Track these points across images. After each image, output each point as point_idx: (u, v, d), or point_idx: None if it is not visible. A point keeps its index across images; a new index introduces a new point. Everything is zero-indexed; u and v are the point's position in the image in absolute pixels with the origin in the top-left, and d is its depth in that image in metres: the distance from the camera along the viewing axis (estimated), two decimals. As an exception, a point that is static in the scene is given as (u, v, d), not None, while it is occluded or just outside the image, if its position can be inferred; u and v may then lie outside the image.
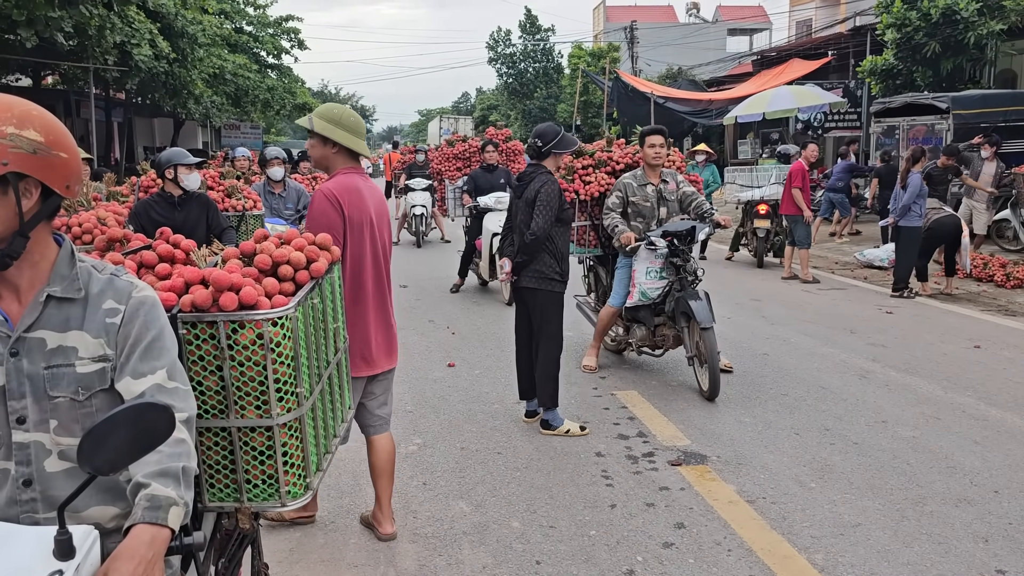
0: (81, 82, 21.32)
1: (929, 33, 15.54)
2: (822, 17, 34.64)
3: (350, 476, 4.48)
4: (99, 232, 3.66)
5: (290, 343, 1.98)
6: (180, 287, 1.97)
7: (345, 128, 3.37)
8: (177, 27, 20.28)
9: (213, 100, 25.80)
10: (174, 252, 2.22)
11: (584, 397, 5.78)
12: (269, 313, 1.93)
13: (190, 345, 1.94)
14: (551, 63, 47.74)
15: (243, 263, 2.14)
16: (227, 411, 1.97)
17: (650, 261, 5.83)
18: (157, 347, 1.63)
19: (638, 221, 6.00)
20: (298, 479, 2.06)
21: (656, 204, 6.00)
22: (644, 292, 5.87)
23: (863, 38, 20.62)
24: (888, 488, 4.21)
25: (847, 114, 21.08)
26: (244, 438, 2.00)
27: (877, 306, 9.04)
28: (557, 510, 4.03)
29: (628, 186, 6.02)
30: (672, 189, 6.06)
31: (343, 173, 3.43)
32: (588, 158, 6.77)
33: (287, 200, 7.28)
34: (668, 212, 6.02)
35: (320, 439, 2.22)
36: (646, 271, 5.84)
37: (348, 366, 2.62)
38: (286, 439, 2.01)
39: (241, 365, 1.94)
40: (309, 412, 2.10)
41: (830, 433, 5.00)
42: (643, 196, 6.00)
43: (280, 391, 1.97)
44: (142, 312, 1.64)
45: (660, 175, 6.03)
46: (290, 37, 31.88)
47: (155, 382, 1.60)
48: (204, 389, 1.96)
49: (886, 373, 6.30)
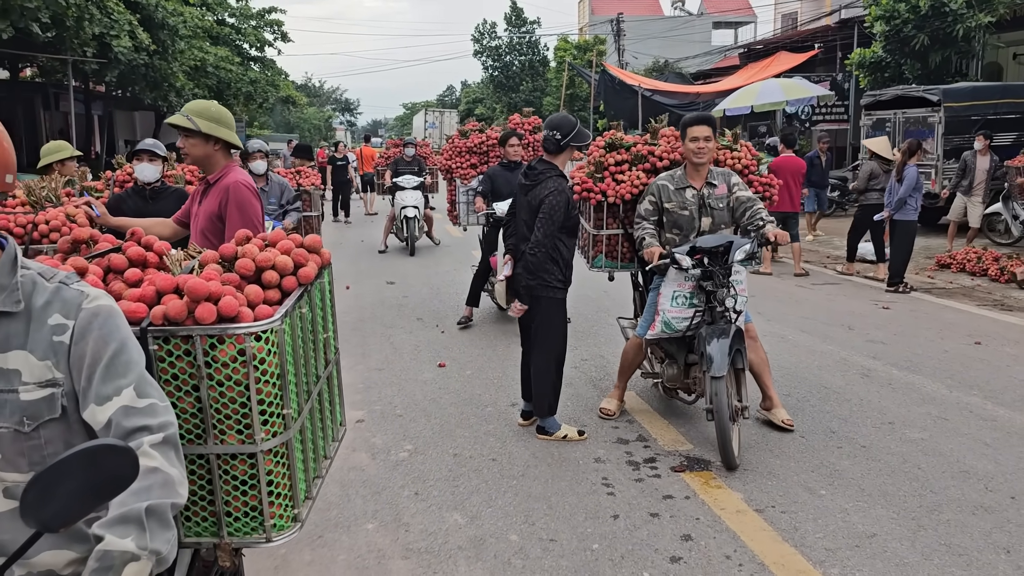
0: (60, 74, 20.89)
1: (918, 25, 15.45)
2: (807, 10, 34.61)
3: (338, 486, 4.26)
4: (67, 230, 3.43)
5: (276, 359, 1.76)
6: (151, 296, 1.75)
7: (226, 125, 3.41)
8: (157, 18, 19.88)
9: (195, 93, 25.31)
10: (146, 255, 2.00)
11: (580, 399, 5.59)
12: (252, 326, 1.72)
13: (162, 363, 1.72)
14: (537, 56, 47.47)
15: (223, 268, 1.92)
16: (205, 436, 1.75)
17: (678, 284, 4.63)
18: (119, 363, 1.41)
19: (674, 233, 4.83)
20: (285, 510, 1.85)
21: (697, 212, 4.77)
22: (668, 322, 4.67)
23: (850, 31, 20.56)
24: (901, 495, 4.04)
25: (835, 107, 21.03)
26: (224, 466, 1.78)
27: (873, 301, 8.91)
28: (557, 521, 3.84)
29: (663, 189, 4.84)
30: (721, 194, 4.78)
31: (234, 167, 3.51)
32: (624, 152, 5.45)
33: (270, 195, 7.04)
34: (714, 223, 4.77)
35: (309, 464, 2.01)
36: (672, 296, 4.66)
37: (340, 379, 2.40)
38: (271, 466, 1.80)
39: (220, 385, 1.72)
40: (297, 435, 1.89)
41: (836, 436, 4.84)
42: (680, 202, 4.79)
43: (264, 413, 1.76)
44: (95, 325, 1.41)
45: (707, 176, 4.80)
46: (273, 29, 31.41)
47: (122, 404, 1.38)
48: (179, 411, 1.74)
49: (888, 371, 6.15)
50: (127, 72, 19.89)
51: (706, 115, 4.89)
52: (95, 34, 16.66)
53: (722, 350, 4.28)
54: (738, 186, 4.81)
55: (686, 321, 4.63)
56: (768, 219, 4.61)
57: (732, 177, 4.86)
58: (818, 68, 22.94)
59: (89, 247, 2.08)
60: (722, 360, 4.26)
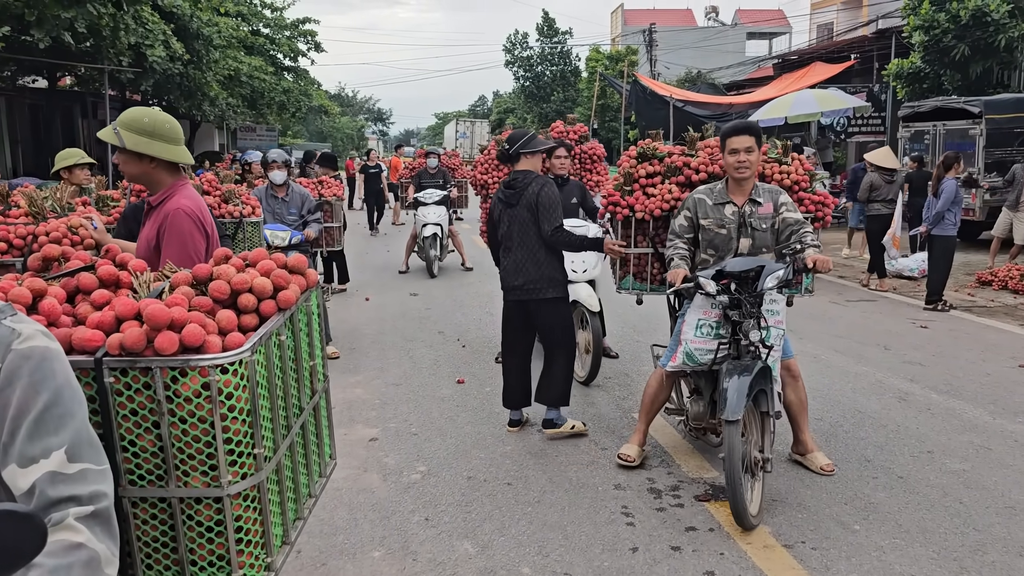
0: (97, 84, 21.15)
1: (958, 35, 15.07)
2: (844, 20, 34.12)
3: (346, 510, 4.10)
4: (68, 243, 3.32)
5: (246, 393, 1.59)
6: (110, 323, 1.59)
7: (162, 139, 2.87)
8: (192, 29, 20.05)
9: (229, 102, 25.55)
10: (118, 275, 1.85)
11: (600, 421, 5.38)
12: (218, 357, 1.55)
13: (120, 396, 1.56)
14: (568, 66, 47.34)
15: (196, 291, 1.76)
16: (166, 478, 1.59)
17: (703, 311, 4.11)
18: (50, 417, 1.21)
19: (708, 254, 4.32)
20: (256, 559, 1.68)
21: (735, 232, 4.26)
22: (690, 353, 4.14)
23: (888, 41, 20.14)
24: (942, 532, 3.78)
25: (871, 119, 20.58)
26: (188, 511, 1.62)
27: (910, 320, 8.58)
28: (572, 553, 3.64)
29: (699, 204, 4.33)
30: (766, 213, 4.25)
31: (181, 186, 2.97)
32: (657, 163, 4.98)
33: (290, 205, 6.93)
34: (754, 246, 4.25)
35: (287, 505, 1.84)
36: (696, 324, 4.13)
37: (329, 410, 2.23)
38: (240, 511, 1.63)
39: (183, 422, 1.56)
40: (272, 475, 1.72)
41: (871, 465, 4.58)
42: (718, 219, 4.28)
43: (233, 453, 1.59)
44: (25, 371, 1.21)
45: (751, 192, 4.29)
46: (307, 39, 31.62)
47: (49, 469, 1.18)
48: (138, 450, 1.58)
49: (927, 395, 5.86)
50: (162, 81, 20.09)
51: (748, 123, 4.37)
52: (131, 44, 16.81)
53: (740, 389, 3.74)
54: (786, 207, 4.27)
55: (710, 354, 4.07)
56: (812, 243, 4.09)
57: (781, 196, 4.32)
58: (854, 79, 22.50)
59: (60, 264, 1.93)
60: (738, 401, 3.71)
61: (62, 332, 1.59)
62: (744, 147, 4.14)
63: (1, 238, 3.36)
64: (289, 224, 6.95)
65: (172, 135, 2.89)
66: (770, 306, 4.07)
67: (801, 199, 4.85)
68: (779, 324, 4.12)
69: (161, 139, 2.86)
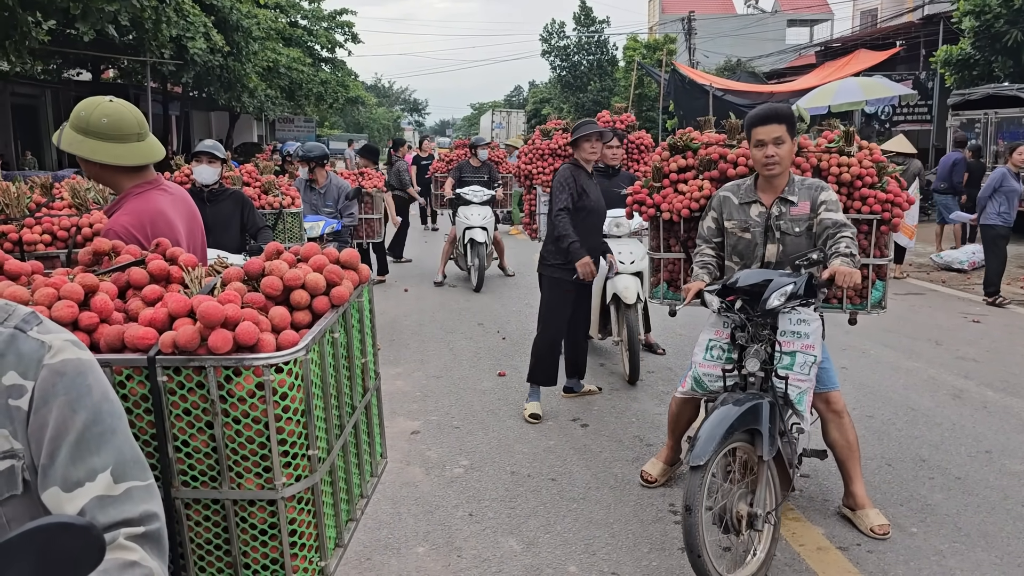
0: (139, 76, 21.43)
1: (1011, 21, 14.60)
2: (888, 6, 33.34)
3: (390, 503, 4.07)
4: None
5: (300, 393, 1.55)
6: (162, 320, 1.55)
7: (96, 135, 2.41)
8: (232, 20, 20.22)
9: (267, 94, 25.78)
10: (169, 270, 1.81)
11: (644, 417, 5.29)
12: (272, 357, 1.50)
13: (173, 396, 1.52)
14: (605, 55, 46.88)
15: (248, 287, 1.72)
16: (220, 479, 1.55)
17: (715, 331, 3.53)
18: (91, 437, 1.14)
19: (734, 262, 3.75)
20: (310, 563, 1.63)
21: (761, 237, 3.64)
22: (698, 378, 3.55)
23: (935, 27, 19.62)
24: (1003, 536, 3.64)
25: (916, 107, 20.09)
26: (241, 513, 1.58)
27: (962, 314, 8.34)
28: (619, 552, 3.57)
29: (725, 203, 3.75)
30: (800, 214, 3.59)
31: (136, 194, 2.51)
32: (690, 156, 4.33)
33: (327, 197, 6.93)
34: (784, 252, 3.61)
35: (340, 507, 1.79)
36: (707, 345, 3.54)
37: (380, 407, 2.19)
38: (294, 514, 1.58)
39: (237, 422, 1.52)
40: (326, 477, 1.68)
41: (927, 465, 4.44)
42: (742, 221, 3.69)
43: (287, 454, 1.54)
44: (60, 388, 1.13)
45: (783, 189, 3.64)
46: (344, 31, 31.74)
47: (96, 494, 1.12)
48: (191, 451, 1.54)
49: (982, 392, 5.67)
50: (202, 73, 20.32)
51: (777, 108, 3.62)
52: (172, 36, 16.99)
53: (713, 430, 3.06)
54: (826, 206, 3.53)
55: (719, 381, 3.45)
56: (844, 251, 3.30)
57: (822, 193, 3.59)
58: (899, 67, 21.99)
59: (111, 259, 1.90)
60: (705, 444, 3.03)
61: (114, 330, 1.55)
62: (772, 138, 3.47)
63: (45, 229, 3.37)
64: (326, 215, 6.96)
65: (109, 131, 2.42)
66: (795, 327, 3.33)
67: (864, 197, 4.05)
68: (808, 349, 3.32)
69: (95, 136, 2.42)
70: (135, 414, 1.53)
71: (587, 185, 5.10)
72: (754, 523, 3.15)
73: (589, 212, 5.12)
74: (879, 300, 4.11)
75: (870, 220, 4.04)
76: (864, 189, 4.05)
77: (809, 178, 3.78)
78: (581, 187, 5.06)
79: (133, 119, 2.48)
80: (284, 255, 1.81)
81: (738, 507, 3.16)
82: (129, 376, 1.53)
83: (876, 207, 4.03)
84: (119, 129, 2.44)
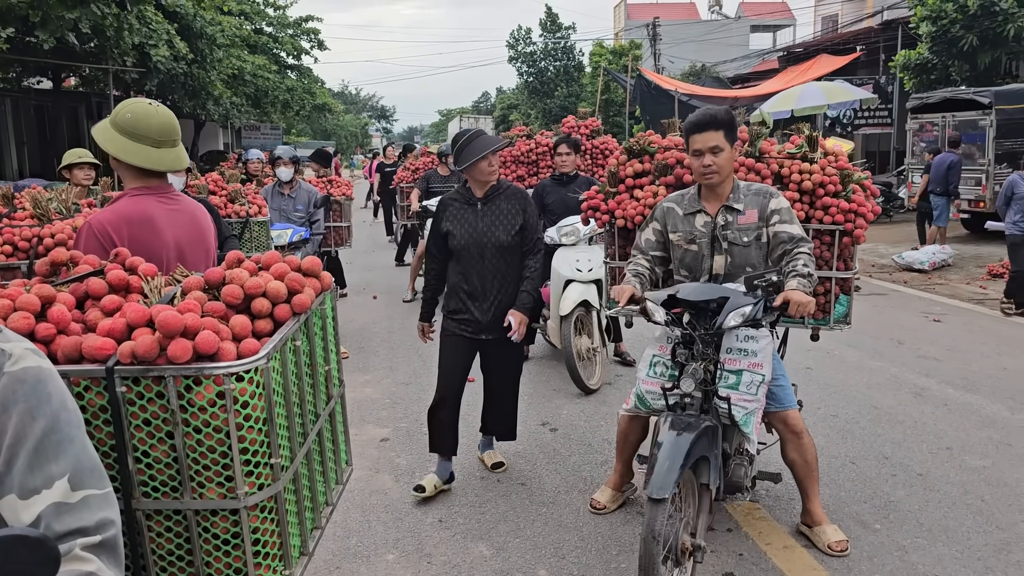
0: (102, 84, 21.13)
1: (966, 26, 14.96)
2: (849, 12, 33.91)
3: (359, 511, 4.05)
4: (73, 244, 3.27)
5: (262, 402, 1.54)
6: (121, 330, 1.54)
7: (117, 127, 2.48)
8: (195, 28, 20.03)
9: (233, 101, 25.56)
10: (128, 280, 1.80)
11: (614, 419, 5.31)
12: (233, 365, 1.49)
13: (132, 406, 1.51)
14: (572, 61, 47.16)
15: (209, 296, 1.71)
16: (181, 489, 1.54)
17: (659, 346, 3.38)
18: (50, 445, 1.13)
19: (682, 276, 3.53)
20: (274, 572, 1.63)
21: (708, 248, 3.43)
22: (641, 396, 3.42)
23: (894, 32, 20.03)
24: (964, 531, 3.72)
25: (877, 110, 20.47)
26: (204, 523, 1.57)
27: (923, 313, 8.50)
28: (589, 555, 3.58)
29: (669, 214, 3.53)
30: (747, 224, 3.38)
31: (131, 195, 2.53)
32: (648, 160, 4.19)
33: (296, 202, 6.89)
34: (732, 264, 3.40)
35: (305, 515, 1.79)
36: (651, 361, 3.39)
37: (345, 415, 2.18)
38: (258, 523, 1.58)
39: (198, 431, 1.51)
40: (290, 485, 1.67)
41: (890, 462, 4.51)
42: (687, 233, 3.47)
43: (249, 463, 1.54)
44: (20, 396, 1.13)
45: (728, 196, 3.43)
46: (310, 38, 31.59)
47: (52, 501, 1.11)
48: (152, 461, 1.53)
49: (943, 390, 5.78)
50: (166, 81, 20.07)
51: (713, 113, 3.33)
52: (135, 43, 16.79)
53: (673, 457, 2.83)
54: (779, 216, 3.35)
55: (660, 399, 3.25)
56: (800, 271, 3.14)
57: (772, 200, 3.38)
58: (860, 71, 22.40)
59: (69, 269, 1.88)
60: (668, 474, 2.79)
61: (72, 340, 1.54)
62: (709, 147, 3.26)
63: (6, 240, 3.32)
64: (295, 221, 6.92)
65: (128, 127, 2.45)
66: (742, 344, 3.15)
67: (827, 207, 3.81)
68: (756, 368, 3.13)
69: (116, 128, 2.47)
70: (94, 425, 1.52)
71: (460, 217, 4.08)
72: (696, 554, 3.01)
73: (463, 249, 4.08)
74: (844, 315, 3.95)
75: (832, 231, 3.83)
76: (826, 198, 3.82)
77: (756, 183, 3.55)
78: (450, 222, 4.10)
79: (157, 124, 2.49)
80: (245, 263, 1.80)
81: (682, 538, 2.97)
82: (87, 387, 1.51)
83: (839, 217, 3.79)
84: (136, 127, 2.46)
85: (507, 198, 4.08)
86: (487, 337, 4.16)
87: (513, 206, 4.07)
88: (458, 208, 4.09)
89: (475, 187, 4.08)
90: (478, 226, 4.03)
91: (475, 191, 4.07)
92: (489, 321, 4.11)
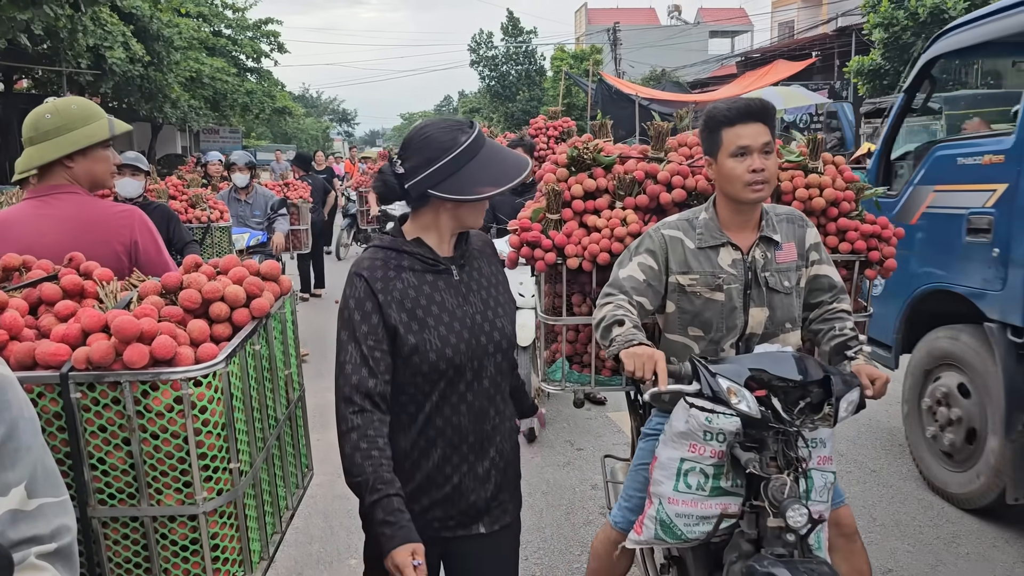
0: (55, 86, 20.70)
1: (917, 32, 15.33)
2: (804, 18, 34.56)
3: (321, 517, 4.04)
4: (28, 252, 3.21)
5: (221, 406, 1.54)
6: (76, 336, 1.53)
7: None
8: (152, 30, 19.74)
9: (191, 104, 25.22)
10: (83, 285, 1.78)
11: (576, 422, 5.36)
12: (190, 370, 1.49)
13: (88, 412, 1.49)
14: (534, 65, 47.33)
15: (166, 301, 1.70)
16: (138, 496, 1.53)
17: (689, 445, 2.18)
18: (8, 452, 1.10)
19: (693, 335, 2.38)
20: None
21: (742, 298, 2.32)
22: (668, 522, 2.21)
23: (848, 38, 20.48)
24: (916, 525, 3.82)
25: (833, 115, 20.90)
26: (162, 529, 1.56)
27: (877, 314, 8.69)
28: (551, 556, 3.61)
29: (673, 246, 2.36)
30: (787, 262, 2.35)
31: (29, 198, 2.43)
32: (601, 173, 2.93)
33: (254, 207, 6.83)
34: (773, 321, 2.33)
35: (265, 520, 1.78)
36: (679, 468, 2.21)
37: (306, 419, 2.18)
38: (217, 528, 1.57)
39: (155, 437, 1.50)
40: (250, 490, 1.67)
41: (845, 459, 4.61)
42: (708, 275, 2.32)
43: (208, 468, 1.53)
44: None
45: (760, 224, 2.35)
46: (269, 40, 31.29)
47: (9, 508, 1.08)
48: (108, 468, 1.52)
49: (896, 389, 5.91)
50: (122, 83, 19.72)
51: (762, 103, 2.28)
52: (89, 45, 16.50)
53: None
54: (816, 252, 2.42)
55: (706, 524, 2.16)
56: (852, 333, 2.34)
57: (808, 231, 2.42)
58: (816, 76, 22.86)
59: (22, 275, 1.86)
60: None
61: (25, 347, 1.52)
62: (761, 144, 2.20)
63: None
64: (253, 227, 6.86)
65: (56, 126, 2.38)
66: (812, 434, 2.17)
67: (843, 231, 2.89)
68: (827, 464, 2.24)
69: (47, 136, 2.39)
70: (48, 432, 1.50)
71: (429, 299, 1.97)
72: None
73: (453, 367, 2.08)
74: None
75: (851, 261, 2.89)
76: (843, 219, 2.88)
77: (778, 205, 2.50)
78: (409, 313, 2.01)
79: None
80: (203, 267, 1.79)
81: None
82: (41, 394, 1.50)
83: (859, 243, 2.86)
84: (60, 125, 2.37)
85: (481, 253, 2.11)
86: (481, 531, 2.10)
87: (494, 267, 2.13)
88: (417, 282, 1.94)
89: (438, 235, 1.97)
90: (468, 312, 1.97)
91: (438, 244, 1.97)
92: (487, 499, 2.11)
